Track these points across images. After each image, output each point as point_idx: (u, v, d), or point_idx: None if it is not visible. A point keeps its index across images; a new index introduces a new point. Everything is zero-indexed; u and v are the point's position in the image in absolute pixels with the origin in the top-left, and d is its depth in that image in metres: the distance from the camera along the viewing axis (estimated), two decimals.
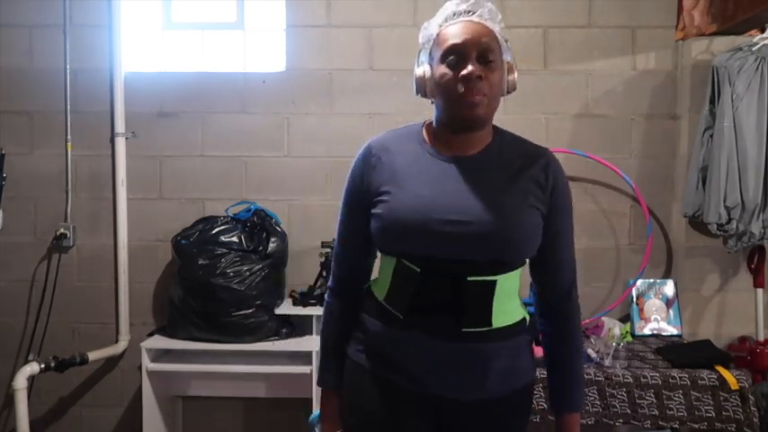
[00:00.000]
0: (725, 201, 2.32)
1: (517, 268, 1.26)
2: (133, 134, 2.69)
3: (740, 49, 2.36)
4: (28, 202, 2.72)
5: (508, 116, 2.65)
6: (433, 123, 1.30)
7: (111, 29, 2.66)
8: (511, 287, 1.25)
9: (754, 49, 2.33)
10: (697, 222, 2.52)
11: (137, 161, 2.71)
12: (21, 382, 2.33)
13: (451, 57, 1.19)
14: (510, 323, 1.25)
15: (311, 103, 2.69)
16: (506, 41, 1.26)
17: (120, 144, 2.67)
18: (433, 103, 1.28)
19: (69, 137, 2.69)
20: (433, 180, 1.23)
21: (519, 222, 1.21)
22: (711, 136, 2.40)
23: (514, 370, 1.27)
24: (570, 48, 2.67)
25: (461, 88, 1.17)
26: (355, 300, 1.37)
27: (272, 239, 2.51)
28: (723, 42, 2.50)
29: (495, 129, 1.31)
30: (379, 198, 1.25)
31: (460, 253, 1.19)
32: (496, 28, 1.23)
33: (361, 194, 1.28)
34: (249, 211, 2.59)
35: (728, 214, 2.33)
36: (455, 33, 1.20)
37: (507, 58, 1.26)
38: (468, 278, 1.20)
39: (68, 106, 2.68)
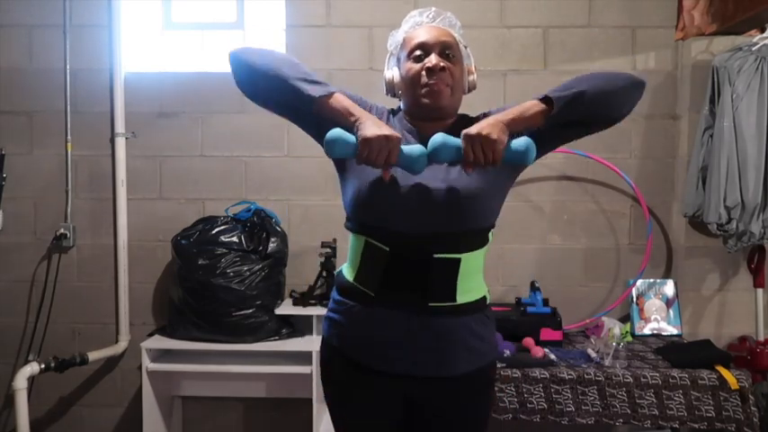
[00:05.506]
0: (725, 201, 2.32)
1: (481, 247, 1.34)
2: (133, 134, 2.69)
3: (740, 49, 2.36)
4: (28, 202, 2.72)
5: None
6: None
7: (111, 29, 2.66)
8: (475, 266, 1.34)
9: (754, 49, 2.33)
10: (697, 222, 2.52)
11: (137, 161, 2.71)
12: (21, 382, 2.32)
13: (417, 52, 1.34)
14: (472, 300, 1.34)
15: None
16: (466, 47, 1.40)
17: (120, 144, 2.67)
18: (400, 101, 1.41)
19: (69, 137, 2.69)
20: None
21: (477, 185, 1.29)
22: (711, 136, 2.41)
23: (477, 349, 1.35)
24: (570, 48, 2.67)
25: (426, 79, 1.31)
26: None
27: (272, 239, 2.51)
28: (723, 42, 2.50)
29: (461, 115, 1.41)
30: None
31: (425, 222, 1.27)
32: (456, 34, 1.38)
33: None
34: (249, 211, 2.59)
35: (728, 214, 2.33)
36: (420, 34, 1.36)
37: (467, 60, 1.40)
38: (435, 255, 1.28)
39: (68, 106, 2.68)
